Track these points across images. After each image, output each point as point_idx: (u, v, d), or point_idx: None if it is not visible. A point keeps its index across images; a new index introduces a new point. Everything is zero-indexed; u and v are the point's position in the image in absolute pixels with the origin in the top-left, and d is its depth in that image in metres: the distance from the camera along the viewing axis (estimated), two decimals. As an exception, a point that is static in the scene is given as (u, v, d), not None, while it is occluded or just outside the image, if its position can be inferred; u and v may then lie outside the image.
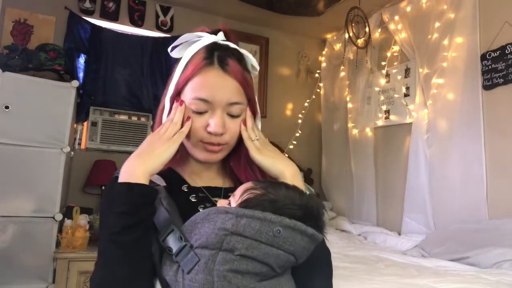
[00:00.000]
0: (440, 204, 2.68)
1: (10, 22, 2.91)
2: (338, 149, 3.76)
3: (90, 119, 3.06)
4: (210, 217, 0.60)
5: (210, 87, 0.73)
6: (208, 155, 0.76)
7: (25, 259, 2.28)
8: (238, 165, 0.82)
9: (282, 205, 0.61)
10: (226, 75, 0.74)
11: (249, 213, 0.58)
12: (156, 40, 3.38)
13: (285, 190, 0.64)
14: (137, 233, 0.63)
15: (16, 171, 2.30)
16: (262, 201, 0.61)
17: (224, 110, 0.74)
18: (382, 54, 3.33)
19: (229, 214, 0.58)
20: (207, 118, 0.74)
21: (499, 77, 2.40)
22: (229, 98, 0.74)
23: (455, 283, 1.69)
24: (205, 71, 0.73)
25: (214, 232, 0.58)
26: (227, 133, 0.75)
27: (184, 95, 0.75)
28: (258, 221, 0.57)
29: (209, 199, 0.77)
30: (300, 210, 0.61)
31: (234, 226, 0.57)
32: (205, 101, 0.73)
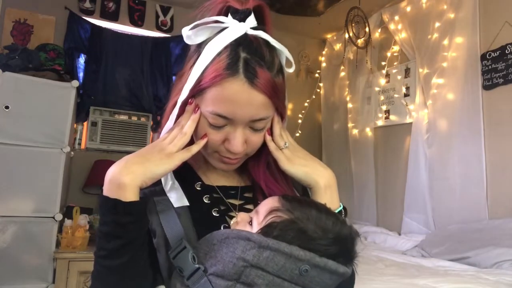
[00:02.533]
0: (440, 204, 2.68)
1: (10, 22, 2.91)
2: (338, 149, 3.76)
3: (90, 119, 3.06)
4: (229, 241, 0.52)
5: (232, 103, 0.59)
6: (224, 166, 0.67)
7: (25, 259, 2.28)
8: (256, 166, 0.72)
9: (312, 238, 0.52)
10: (253, 90, 0.59)
11: (274, 246, 0.50)
12: (156, 40, 3.38)
13: (316, 214, 0.55)
14: (128, 255, 0.56)
15: (16, 171, 2.30)
16: (289, 230, 0.53)
17: (246, 125, 0.63)
18: (382, 54, 3.33)
19: (251, 243, 0.51)
20: (226, 132, 0.63)
21: (499, 77, 2.40)
22: (253, 115, 0.61)
23: (455, 283, 1.69)
24: (228, 82, 0.59)
25: (233, 261, 0.50)
26: (248, 146, 0.65)
27: (201, 101, 0.62)
28: (284, 256, 0.50)
29: (223, 201, 0.69)
30: (333, 245, 0.53)
31: (256, 258, 0.50)
32: (225, 117, 0.61)
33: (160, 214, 0.61)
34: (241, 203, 0.70)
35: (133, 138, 3.16)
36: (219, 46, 0.60)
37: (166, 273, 0.59)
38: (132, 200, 0.56)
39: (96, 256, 0.58)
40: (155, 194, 0.64)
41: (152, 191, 0.64)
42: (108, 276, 0.58)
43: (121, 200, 0.56)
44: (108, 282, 0.58)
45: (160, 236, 0.60)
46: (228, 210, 0.68)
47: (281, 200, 0.58)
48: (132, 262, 0.57)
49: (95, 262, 0.59)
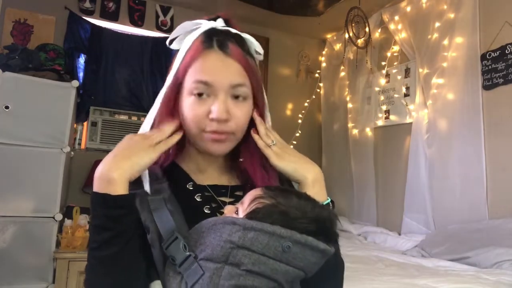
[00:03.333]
0: (440, 204, 2.68)
1: (10, 22, 2.91)
2: (338, 149, 3.76)
3: (90, 119, 3.06)
4: (216, 227, 0.56)
5: (211, 70, 0.68)
6: (213, 145, 0.70)
7: (25, 259, 2.28)
8: (252, 165, 0.76)
9: (293, 218, 0.57)
10: (227, 57, 0.69)
11: (258, 226, 0.54)
12: (156, 40, 3.38)
13: (296, 200, 0.60)
14: (118, 246, 0.59)
15: (16, 171, 2.30)
16: (272, 213, 0.57)
17: (227, 93, 0.68)
18: (382, 54, 3.33)
19: (236, 226, 0.55)
20: (209, 104, 0.68)
21: (499, 77, 2.40)
22: (231, 80, 0.68)
23: (455, 283, 1.69)
24: (205, 54, 0.69)
25: (220, 244, 0.54)
26: (232, 120, 0.69)
27: (185, 84, 0.70)
28: (267, 235, 0.54)
29: (214, 199, 0.72)
30: (312, 223, 0.57)
31: (241, 239, 0.54)
32: (205, 83, 0.67)
33: (153, 211, 0.64)
34: (232, 200, 0.73)
35: (133, 138, 3.15)
36: (195, 35, 0.71)
37: (161, 266, 0.62)
38: (122, 193, 0.61)
39: (89, 249, 0.62)
40: (148, 194, 0.67)
41: (145, 191, 0.67)
42: (99, 267, 0.61)
43: (110, 194, 0.60)
44: (98, 273, 0.61)
45: (153, 231, 0.63)
46: (219, 207, 0.71)
47: (263, 189, 0.62)
48: (122, 254, 0.60)
49: (88, 255, 0.62)
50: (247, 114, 0.72)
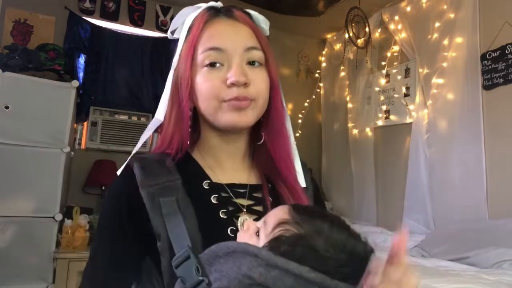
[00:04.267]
0: (440, 204, 2.68)
1: (10, 22, 2.91)
2: (338, 149, 3.76)
3: (90, 119, 3.06)
4: (235, 256, 0.49)
5: (221, 35, 0.64)
6: (237, 115, 0.63)
7: (25, 259, 2.28)
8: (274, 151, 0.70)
9: (324, 256, 0.49)
10: (235, 22, 0.66)
11: (283, 266, 0.47)
12: (156, 40, 3.38)
13: (328, 229, 0.51)
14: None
15: (16, 171, 2.30)
16: (298, 246, 0.49)
17: (242, 58, 0.64)
18: (382, 54, 3.33)
19: (258, 259, 0.48)
20: (225, 72, 0.63)
21: (499, 77, 2.40)
22: (244, 43, 0.64)
23: (455, 283, 1.69)
24: (211, 23, 0.66)
25: (238, 277, 0.47)
26: (252, 85, 0.63)
27: (195, 59, 0.65)
28: (293, 277, 0.47)
29: (232, 201, 0.66)
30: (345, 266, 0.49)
31: (263, 276, 0.47)
32: (217, 49, 0.63)
33: (165, 217, 0.59)
34: (250, 203, 0.67)
35: (133, 138, 3.15)
36: (196, 13, 0.68)
37: (168, 277, 0.58)
38: None
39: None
40: (160, 194, 0.61)
41: (157, 189, 0.61)
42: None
43: None
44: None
45: (164, 240, 0.58)
46: (236, 210, 0.65)
47: (291, 211, 0.54)
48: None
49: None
50: (266, 80, 0.67)
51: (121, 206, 0.63)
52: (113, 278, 0.63)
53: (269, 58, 0.68)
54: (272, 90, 0.69)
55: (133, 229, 0.62)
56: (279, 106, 0.71)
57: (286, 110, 0.74)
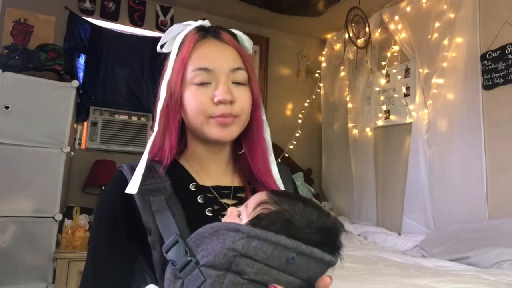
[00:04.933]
0: (440, 204, 2.68)
1: (10, 22, 2.91)
2: (338, 149, 3.76)
3: (90, 119, 3.06)
4: (219, 233, 0.54)
5: (209, 56, 0.71)
6: (222, 131, 0.69)
7: (25, 259, 2.28)
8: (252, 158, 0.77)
9: (298, 227, 0.55)
10: (222, 43, 0.72)
11: (262, 235, 0.53)
12: (156, 40, 3.34)
13: (302, 206, 0.58)
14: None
15: (16, 171, 2.30)
16: (276, 220, 0.56)
17: (228, 78, 0.70)
18: (382, 54, 3.33)
19: (240, 233, 0.53)
20: (212, 90, 0.69)
21: (499, 77, 2.40)
22: (230, 64, 0.71)
23: (455, 283, 1.69)
24: (201, 43, 0.72)
25: (223, 251, 0.53)
26: (237, 102, 0.69)
27: (185, 77, 0.71)
28: (271, 245, 0.52)
29: (217, 201, 0.72)
30: (317, 233, 0.56)
31: (245, 247, 0.52)
32: (206, 69, 0.69)
33: (155, 213, 0.64)
34: (234, 203, 0.72)
35: (133, 138, 3.16)
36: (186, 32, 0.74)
37: (160, 269, 0.61)
38: None
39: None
40: (150, 194, 0.66)
41: (147, 190, 0.66)
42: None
43: None
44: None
45: (155, 233, 0.63)
46: (221, 209, 0.70)
47: (269, 194, 0.61)
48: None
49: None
50: (249, 98, 0.72)
51: (115, 207, 0.67)
52: (113, 278, 0.66)
53: (252, 77, 0.74)
54: (254, 106, 0.75)
55: (127, 229, 0.66)
56: (259, 120, 0.77)
57: (265, 121, 0.80)
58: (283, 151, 3.67)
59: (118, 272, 0.66)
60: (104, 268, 0.66)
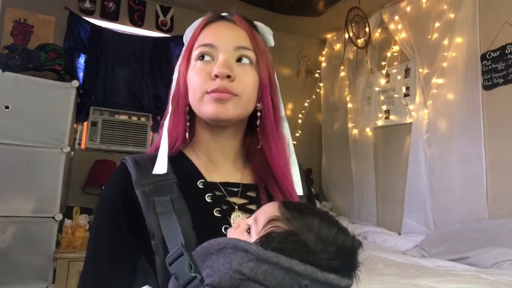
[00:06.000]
0: (440, 204, 2.68)
1: (10, 22, 2.91)
2: (338, 149, 3.76)
3: (90, 119, 3.06)
4: (226, 252, 0.50)
5: (216, 33, 0.68)
6: (217, 106, 0.64)
7: (25, 259, 2.28)
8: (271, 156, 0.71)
9: (314, 251, 0.50)
10: (232, 24, 0.70)
11: (273, 260, 0.48)
12: (156, 40, 3.38)
13: (318, 225, 0.52)
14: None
15: (16, 171, 2.30)
16: (289, 242, 0.50)
17: (231, 54, 0.66)
18: (382, 54, 3.33)
19: (248, 255, 0.48)
20: (213, 66, 0.65)
21: (499, 77, 2.40)
22: (235, 42, 0.67)
23: (455, 283, 1.69)
24: (210, 24, 0.70)
25: (229, 273, 0.48)
26: (237, 81, 0.65)
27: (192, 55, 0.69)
28: (283, 271, 0.48)
29: (225, 200, 0.67)
30: (335, 258, 0.51)
31: (253, 271, 0.47)
32: (210, 45, 0.66)
33: (159, 216, 0.60)
34: (244, 202, 0.68)
35: (133, 138, 3.16)
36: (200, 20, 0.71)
37: (162, 277, 0.59)
38: None
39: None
40: (155, 193, 0.62)
41: (152, 189, 0.62)
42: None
43: None
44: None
45: (158, 238, 0.59)
46: (230, 209, 0.66)
47: (281, 208, 0.55)
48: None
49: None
50: (253, 78, 0.67)
51: (117, 204, 0.63)
52: (114, 278, 0.63)
53: (261, 60, 0.69)
54: (262, 90, 0.70)
55: (128, 228, 0.62)
56: (268, 106, 0.70)
57: (284, 118, 0.74)
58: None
59: (120, 271, 0.63)
60: (105, 266, 0.63)
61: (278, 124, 0.72)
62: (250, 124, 0.73)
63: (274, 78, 0.74)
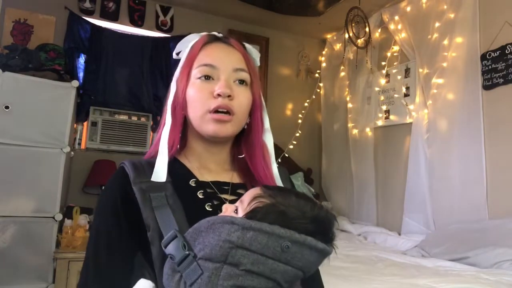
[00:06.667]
0: (440, 204, 2.68)
1: (10, 22, 2.91)
2: (338, 149, 3.76)
3: (90, 119, 3.06)
4: (215, 227, 0.56)
5: (214, 55, 0.75)
6: (219, 126, 0.72)
7: (25, 259, 2.28)
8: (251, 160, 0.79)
9: (292, 218, 0.57)
10: (230, 47, 0.77)
11: (256, 226, 0.55)
12: (156, 40, 3.38)
13: (296, 199, 0.60)
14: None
15: (16, 171, 2.30)
16: (271, 212, 0.58)
17: (230, 76, 0.74)
18: (382, 54, 3.33)
19: (235, 225, 0.55)
20: (214, 85, 0.72)
21: (499, 77, 2.40)
22: (234, 64, 0.75)
23: (455, 283, 1.69)
24: (209, 45, 0.77)
25: (219, 244, 0.54)
26: (235, 99, 0.72)
27: (191, 73, 0.75)
28: (266, 235, 0.54)
29: (216, 196, 0.73)
30: (311, 223, 0.58)
31: (240, 239, 0.54)
32: (210, 66, 0.73)
33: (155, 209, 0.65)
34: (234, 198, 0.73)
35: (133, 138, 3.16)
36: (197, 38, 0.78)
37: (159, 265, 0.62)
38: None
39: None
40: (151, 190, 0.68)
41: (148, 186, 0.68)
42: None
43: None
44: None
45: (154, 229, 0.64)
46: (221, 205, 0.70)
47: (263, 188, 0.63)
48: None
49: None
50: (248, 98, 0.76)
51: (117, 202, 0.68)
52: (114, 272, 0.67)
53: (254, 81, 0.77)
54: (254, 108, 0.78)
55: (127, 223, 0.67)
56: (258, 122, 0.80)
57: (265, 125, 0.82)
58: (283, 151, 3.67)
59: (119, 265, 0.67)
60: (106, 260, 0.67)
61: (261, 134, 0.81)
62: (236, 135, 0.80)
63: (262, 101, 0.82)
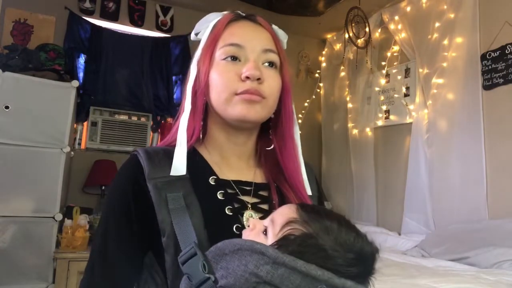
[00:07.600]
0: (440, 204, 2.68)
1: (10, 22, 2.91)
2: (338, 149, 3.76)
3: (90, 119, 3.06)
4: (242, 254, 0.49)
5: (241, 33, 0.67)
6: (247, 108, 0.63)
7: (25, 259, 2.28)
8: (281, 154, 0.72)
9: (332, 256, 0.49)
10: (257, 25, 0.69)
11: (290, 264, 0.47)
12: (156, 40, 3.38)
13: (336, 227, 0.51)
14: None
15: (16, 171, 2.30)
16: (307, 246, 0.49)
17: (259, 57, 0.66)
18: (382, 54, 3.33)
19: (265, 258, 0.47)
20: (241, 67, 0.64)
21: (499, 77, 2.40)
22: (263, 44, 0.67)
23: (455, 283, 1.69)
24: (234, 23, 0.69)
25: (245, 276, 0.47)
26: (265, 83, 0.64)
27: (214, 54, 0.67)
28: (300, 275, 0.46)
29: (237, 198, 0.65)
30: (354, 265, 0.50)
31: (270, 274, 0.46)
32: (237, 45, 0.65)
33: (171, 212, 0.59)
34: (256, 201, 0.67)
35: (133, 138, 3.16)
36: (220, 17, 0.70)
37: (172, 276, 0.57)
38: None
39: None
40: (168, 188, 0.61)
41: (164, 183, 0.61)
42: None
43: None
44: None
45: (170, 236, 0.58)
46: (242, 207, 0.65)
47: (298, 210, 0.54)
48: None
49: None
50: (278, 82, 0.68)
51: (128, 197, 0.62)
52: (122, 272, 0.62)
53: (284, 63, 0.70)
54: (284, 93, 0.70)
55: (138, 222, 0.61)
56: (289, 110, 0.72)
57: (295, 116, 0.75)
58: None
59: (128, 265, 0.62)
60: (114, 258, 0.61)
61: (292, 124, 0.74)
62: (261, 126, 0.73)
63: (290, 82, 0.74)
